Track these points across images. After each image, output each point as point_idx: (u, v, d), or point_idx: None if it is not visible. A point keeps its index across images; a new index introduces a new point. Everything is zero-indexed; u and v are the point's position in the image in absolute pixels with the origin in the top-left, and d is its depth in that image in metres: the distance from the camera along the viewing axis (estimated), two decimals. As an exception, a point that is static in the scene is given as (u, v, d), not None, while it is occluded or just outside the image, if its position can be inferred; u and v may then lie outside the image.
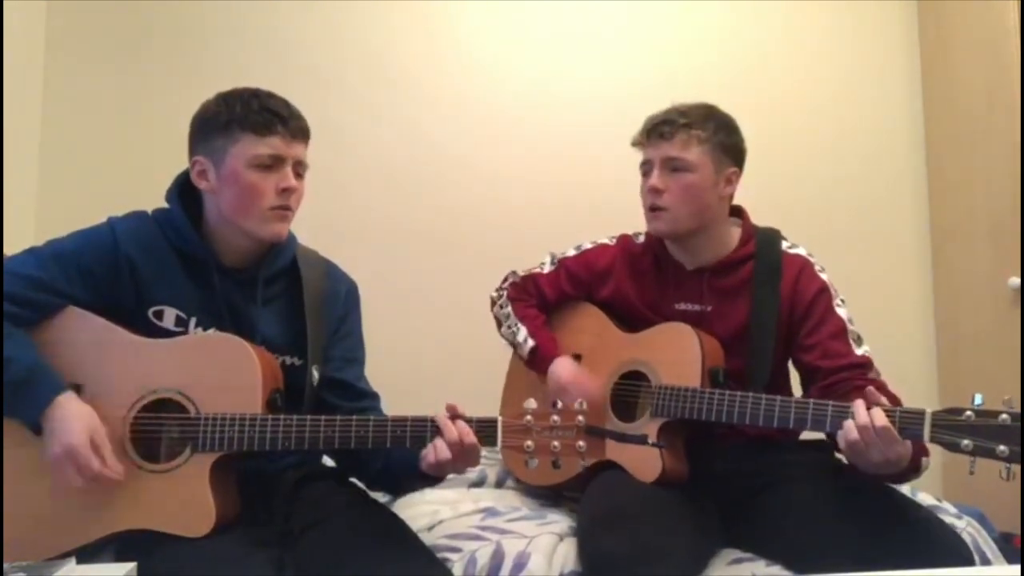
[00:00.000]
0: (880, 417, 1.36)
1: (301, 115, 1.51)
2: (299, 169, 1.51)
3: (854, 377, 1.60)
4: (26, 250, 1.48)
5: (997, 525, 1.93)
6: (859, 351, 1.67)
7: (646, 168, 1.78)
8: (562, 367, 1.79)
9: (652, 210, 1.75)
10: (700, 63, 2.85)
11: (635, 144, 1.80)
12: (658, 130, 1.74)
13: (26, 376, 1.35)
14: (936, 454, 2.77)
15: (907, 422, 1.36)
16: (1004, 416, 1.28)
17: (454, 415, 1.37)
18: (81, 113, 2.68)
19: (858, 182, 2.91)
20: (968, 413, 1.31)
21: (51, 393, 1.35)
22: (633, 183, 1.83)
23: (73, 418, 1.33)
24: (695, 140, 1.72)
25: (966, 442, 1.30)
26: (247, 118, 1.45)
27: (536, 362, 1.85)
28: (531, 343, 1.86)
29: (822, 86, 2.92)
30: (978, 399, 1.32)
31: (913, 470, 1.47)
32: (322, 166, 2.59)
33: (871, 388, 1.44)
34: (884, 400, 1.41)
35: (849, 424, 1.39)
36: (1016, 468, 1.29)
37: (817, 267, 1.77)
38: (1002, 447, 1.28)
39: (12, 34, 2.44)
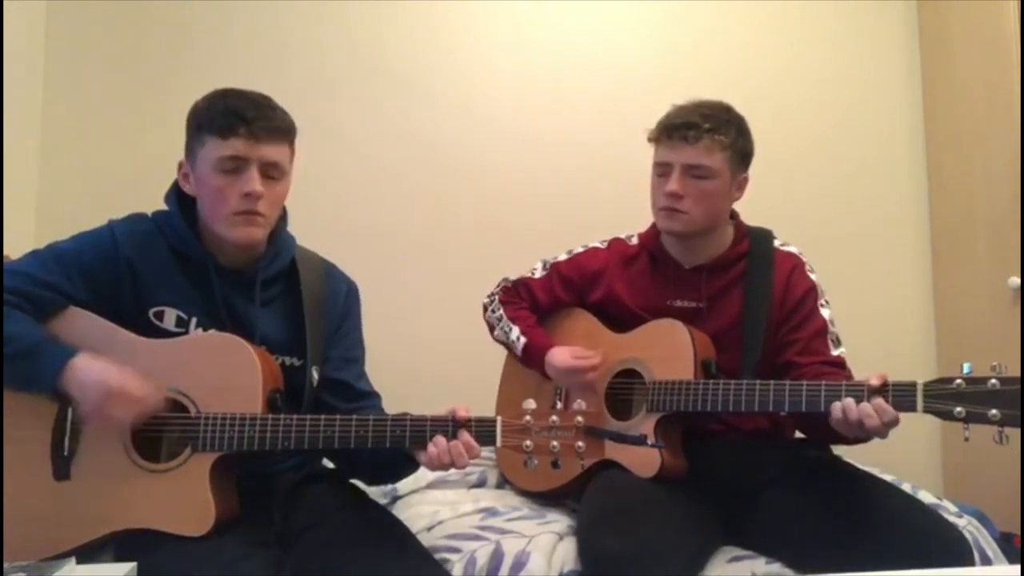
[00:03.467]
0: (888, 412, 1.39)
1: (274, 114, 1.45)
2: (272, 172, 1.45)
3: (827, 373, 1.62)
4: (28, 253, 1.49)
5: (997, 525, 1.93)
6: (835, 352, 1.70)
7: (664, 170, 1.74)
8: (560, 354, 1.79)
9: (667, 210, 1.74)
10: (699, 64, 2.85)
11: (652, 140, 1.77)
12: (681, 133, 1.70)
13: (36, 347, 1.36)
14: (936, 455, 2.79)
15: (900, 394, 1.39)
16: (993, 381, 1.32)
17: (457, 420, 1.37)
18: (81, 113, 2.68)
19: (858, 182, 2.91)
20: (958, 381, 1.34)
21: (64, 356, 1.36)
22: (633, 185, 1.83)
23: (99, 369, 1.35)
24: (718, 146, 1.70)
25: (959, 409, 1.33)
26: (212, 120, 1.43)
27: (531, 357, 1.85)
28: (523, 340, 1.86)
29: (822, 86, 2.92)
30: (967, 367, 1.35)
31: None
32: (322, 167, 2.62)
33: (883, 375, 1.44)
34: (884, 375, 1.43)
35: (850, 406, 1.41)
36: (1009, 431, 1.31)
37: (808, 267, 1.80)
38: (994, 411, 1.31)
39: (12, 34, 2.44)
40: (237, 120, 1.41)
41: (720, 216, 1.78)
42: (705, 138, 1.69)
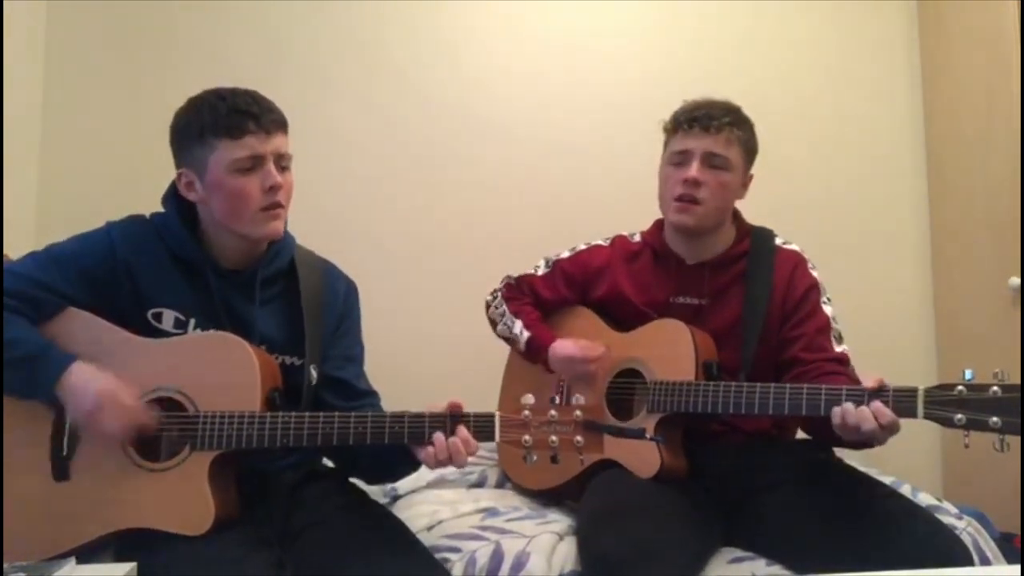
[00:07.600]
0: (885, 414, 1.37)
1: (273, 107, 1.47)
2: (282, 162, 1.48)
3: (831, 370, 1.62)
4: (26, 254, 1.49)
5: (997, 525, 1.93)
6: (838, 348, 1.70)
7: (681, 158, 1.74)
8: (563, 345, 1.81)
9: (683, 201, 1.73)
10: (699, 63, 2.85)
11: (668, 131, 1.77)
12: (703, 122, 1.71)
13: (36, 352, 1.36)
14: (936, 455, 2.79)
15: (901, 400, 1.38)
16: (995, 388, 1.30)
17: (456, 414, 1.37)
18: (81, 113, 2.68)
19: (858, 182, 2.91)
20: (960, 388, 1.33)
21: (64, 362, 1.36)
22: (632, 183, 1.82)
23: (93, 377, 1.36)
24: (736, 140, 1.72)
25: (959, 416, 1.32)
26: (217, 123, 1.42)
27: (535, 351, 1.86)
28: (527, 333, 1.87)
29: (822, 86, 2.92)
30: (968, 374, 1.34)
31: None
32: (322, 166, 2.62)
33: (879, 379, 1.44)
34: (884, 382, 1.42)
35: (849, 410, 1.40)
36: (1010, 439, 1.29)
37: (810, 264, 1.80)
38: (995, 419, 1.29)
39: (12, 34, 2.44)
40: (245, 118, 1.42)
41: (728, 212, 1.79)
42: (725, 130, 1.71)
